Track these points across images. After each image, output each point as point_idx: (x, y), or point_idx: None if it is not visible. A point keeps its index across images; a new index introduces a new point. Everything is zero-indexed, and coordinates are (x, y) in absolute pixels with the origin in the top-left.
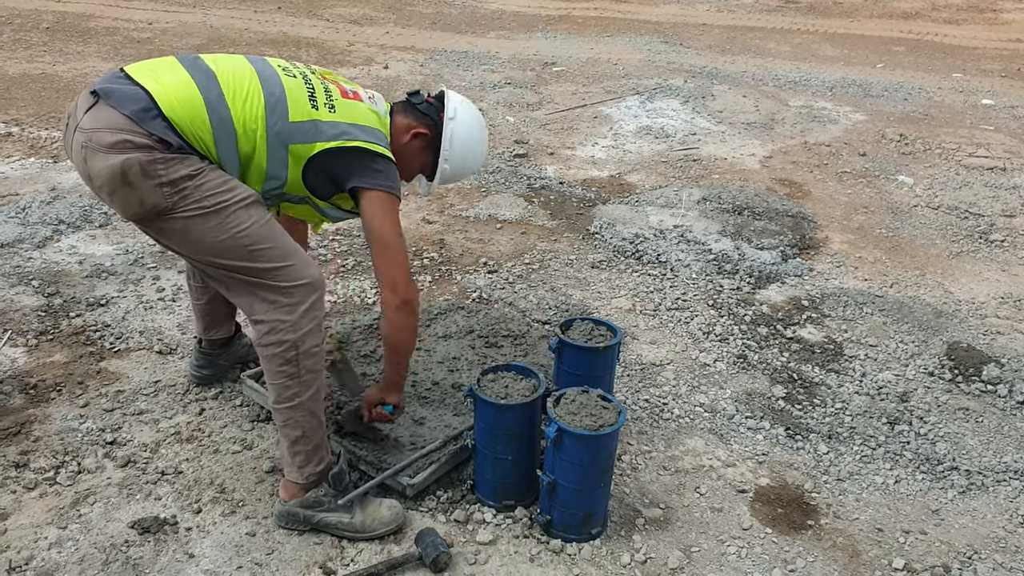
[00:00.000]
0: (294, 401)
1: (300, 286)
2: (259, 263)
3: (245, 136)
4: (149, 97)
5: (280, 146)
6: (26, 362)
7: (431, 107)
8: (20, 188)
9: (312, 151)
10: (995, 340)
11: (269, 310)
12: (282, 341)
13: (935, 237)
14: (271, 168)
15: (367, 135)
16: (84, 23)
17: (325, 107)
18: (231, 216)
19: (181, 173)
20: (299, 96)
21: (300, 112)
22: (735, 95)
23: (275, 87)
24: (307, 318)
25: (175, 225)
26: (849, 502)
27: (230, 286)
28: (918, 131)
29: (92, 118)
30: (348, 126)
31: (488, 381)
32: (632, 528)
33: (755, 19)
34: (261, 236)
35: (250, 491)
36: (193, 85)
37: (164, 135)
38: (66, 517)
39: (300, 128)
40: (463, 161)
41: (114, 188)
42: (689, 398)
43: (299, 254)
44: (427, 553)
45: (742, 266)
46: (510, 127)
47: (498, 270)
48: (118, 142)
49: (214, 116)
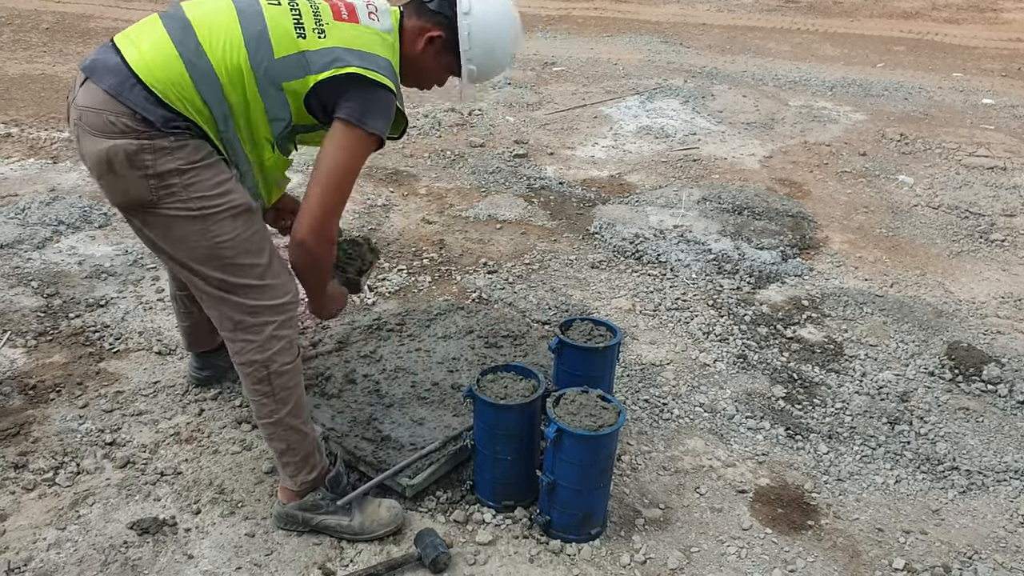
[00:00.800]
0: (272, 418)
1: (267, 307)
2: (233, 277)
3: (231, 84)
4: (126, 66)
5: (272, 87)
6: (25, 363)
7: (444, 3)
8: (19, 189)
9: (306, 86)
10: (995, 340)
11: (236, 329)
12: (252, 361)
13: (935, 237)
14: (271, 110)
15: (362, 60)
16: (84, 24)
17: (314, 33)
18: (215, 225)
19: (169, 167)
20: (283, 27)
21: (285, 46)
22: (735, 95)
23: (256, 22)
24: (274, 339)
25: (158, 220)
26: (849, 502)
27: (202, 296)
28: (918, 131)
29: (83, 95)
30: (341, 51)
31: (488, 381)
32: (632, 528)
33: (755, 19)
34: (241, 250)
35: (249, 492)
36: (169, 42)
37: (145, 110)
38: (65, 518)
39: (287, 63)
40: (490, 56)
41: (101, 173)
42: (689, 398)
43: (277, 272)
44: (426, 554)
45: (742, 266)
46: (510, 127)
47: (498, 270)
48: (103, 124)
49: (193, 71)
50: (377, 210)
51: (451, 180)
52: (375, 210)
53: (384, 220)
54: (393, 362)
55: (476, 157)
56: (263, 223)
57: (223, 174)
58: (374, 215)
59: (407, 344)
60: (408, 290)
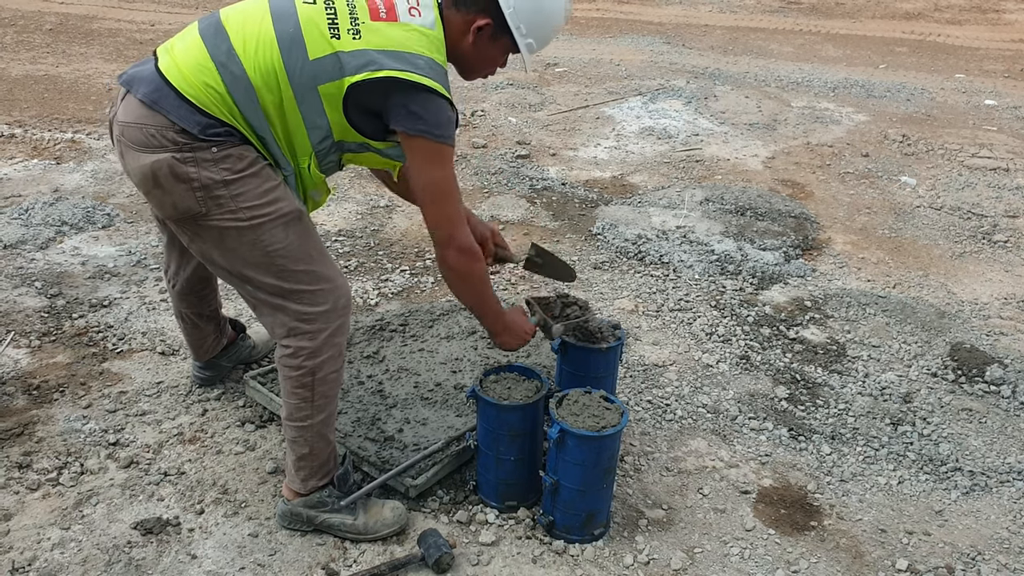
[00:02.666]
0: (305, 422)
1: (323, 313)
2: (287, 283)
3: (267, 87)
4: (159, 74)
5: (308, 90)
6: (29, 363)
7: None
8: (23, 190)
9: (342, 89)
10: (998, 341)
11: (289, 335)
12: (301, 367)
13: (938, 238)
14: (308, 117)
15: (399, 62)
16: (87, 25)
17: (349, 34)
18: (266, 234)
19: (215, 178)
20: (318, 26)
21: (319, 47)
22: (737, 96)
23: (289, 22)
24: (328, 344)
25: (209, 231)
26: (852, 503)
27: (255, 305)
28: (921, 132)
29: (123, 110)
30: (376, 54)
31: (491, 382)
32: (635, 529)
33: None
34: (294, 257)
35: (253, 492)
36: (201, 46)
37: (180, 118)
38: (69, 518)
39: (322, 65)
40: (545, 24)
41: (148, 189)
42: (692, 399)
43: (331, 277)
44: (430, 554)
45: (745, 267)
46: (512, 128)
47: (500, 271)
48: (145, 138)
49: (226, 75)
50: (380, 211)
51: None
52: (378, 211)
53: (387, 221)
54: (396, 362)
55: (478, 158)
56: (314, 228)
57: (270, 181)
58: (377, 216)
59: (410, 345)
60: (411, 291)
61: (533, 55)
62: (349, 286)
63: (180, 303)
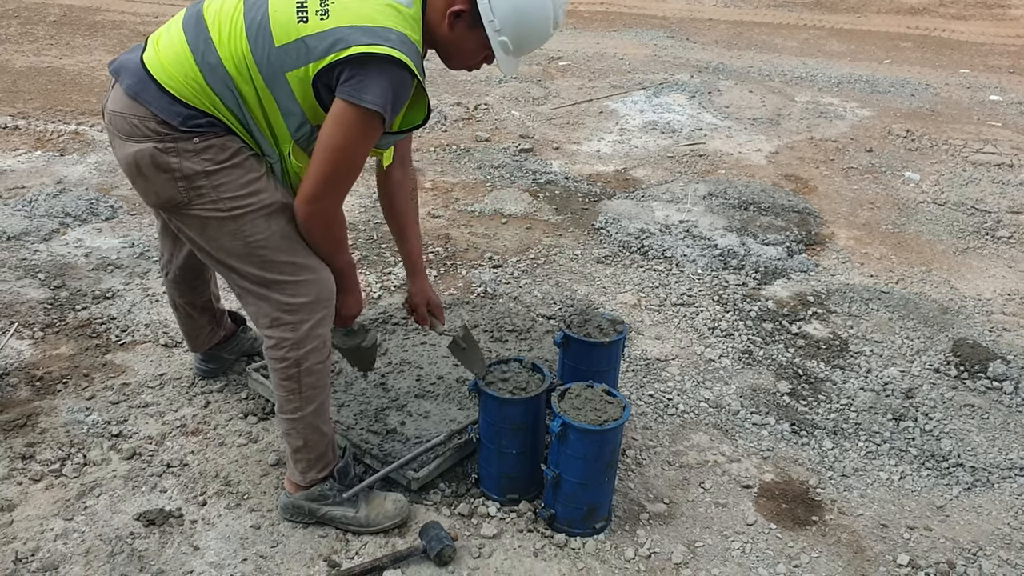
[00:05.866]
0: (295, 415)
1: (305, 304)
2: (270, 273)
3: (240, 76)
4: (142, 65)
5: (277, 77)
6: (32, 354)
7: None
8: (27, 181)
9: (309, 76)
10: (1001, 337)
11: (272, 326)
12: (285, 358)
13: (941, 233)
14: (281, 103)
15: (368, 35)
16: (91, 16)
17: (317, 15)
18: (248, 225)
19: (196, 169)
20: (285, 12)
21: (285, 33)
22: (741, 90)
23: (260, 10)
24: (311, 336)
25: (193, 220)
26: (854, 498)
27: (240, 294)
28: (925, 127)
29: (112, 99)
30: (345, 30)
31: (493, 375)
32: (636, 523)
33: (762, 14)
34: (277, 248)
35: (255, 484)
36: (183, 38)
37: (162, 110)
38: (72, 509)
39: (288, 51)
40: (523, 25)
41: (132, 177)
42: (694, 393)
43: (314, 268)
44: (431, 546)
45: (748, 262)
46: (516, 121)
47: (503, 265)
48: (130, 127)
49: (204, 66)
50: None
51: (457, 174)
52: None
53: None
54: (399, 355)
55: (482, 151)
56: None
57: (253, 172)
58: (379, 209)
59: (412, 338)
60: None
61: (511, 56)
62: (333, 278)
63: (174, 292)
